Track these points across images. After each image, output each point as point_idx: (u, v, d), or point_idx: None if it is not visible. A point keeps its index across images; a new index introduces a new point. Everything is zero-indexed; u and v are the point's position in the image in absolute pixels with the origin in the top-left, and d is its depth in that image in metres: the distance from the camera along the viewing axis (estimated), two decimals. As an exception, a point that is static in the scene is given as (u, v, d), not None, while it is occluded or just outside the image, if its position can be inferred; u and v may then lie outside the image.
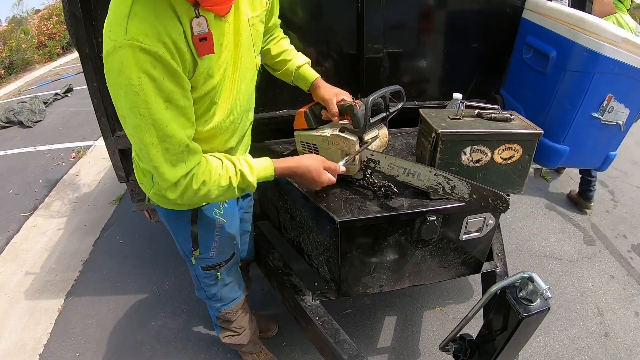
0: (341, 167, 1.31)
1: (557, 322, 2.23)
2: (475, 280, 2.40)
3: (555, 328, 2.19)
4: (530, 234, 2.88)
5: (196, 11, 0.89)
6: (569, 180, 3.48)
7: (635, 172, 3.62)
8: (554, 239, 2.83)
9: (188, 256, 1.41)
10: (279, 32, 1.46)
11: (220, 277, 1.49)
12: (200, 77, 0.95)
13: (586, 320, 2.25)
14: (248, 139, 1.36)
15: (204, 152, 1.05)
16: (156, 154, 0.91)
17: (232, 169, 1.07)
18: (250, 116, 1.32)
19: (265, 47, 1.43)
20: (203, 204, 1.27)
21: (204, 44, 0.90)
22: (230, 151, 1.21)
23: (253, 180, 1.10)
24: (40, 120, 5.27)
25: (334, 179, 1.27)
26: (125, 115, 0.88)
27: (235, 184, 1.06)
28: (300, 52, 1.50)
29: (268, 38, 1.43)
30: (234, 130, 1.18)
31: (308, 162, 1.20)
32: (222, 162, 1.07)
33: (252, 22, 1.09)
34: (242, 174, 1.07)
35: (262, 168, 1.13)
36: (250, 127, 1.37)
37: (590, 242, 2.82)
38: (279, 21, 1.43)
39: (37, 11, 11.02)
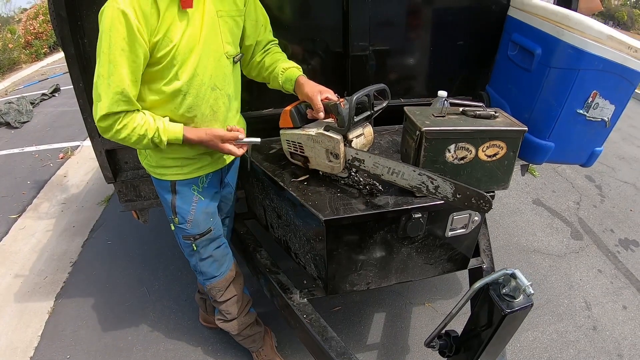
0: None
1: (546, 316, 2.25)
2: (464, 275, 2.42)
3: (543, 322, 2.22)
4: (518, 229, 2.90)
5: None
6: (556, 175, 3.51)
7: (622, 167, 3.65)
8: (541, 234, 2.86)
9: (169, 222, 1.60)
10: (276, 49, 1.57)
11: (195, 249, 1.61)
12: (160, 35, 1.20)
13: (574, 314, 2.27)
14: (222, 121, 1.45)
15: (164, 115, 1.32)
16: (101, 85, 1.18)
17: (152, 122, 1.28)
18: (222, 98, 1.41)
19: (261, 61, 1.54)
20: (125, 143, 1.33)
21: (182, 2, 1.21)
22: (192, 120, 1.37)
23: (165, 139, 1.30)
24: (28, 121, 5.19)
25: (235, 151, 1.39)
26: (99, 52, 1.18)
27: (150, 135, 1.27)
28: (292, 62, 1.53)
29: (263, 53, 1.54)
30: (195, 97, 1.33)
31: (211, 131, 1.36)
32: (145, 115, 1.28)
33: (221, 15, 1.32)
34: (157, 129, 1.28)
35: (173, 130, 1.31)
36: (229, 114, 1.48)
37: (578, 236, 2.85)
38: (275, 40, 1.58)
39: (24, 10, 10.82)
